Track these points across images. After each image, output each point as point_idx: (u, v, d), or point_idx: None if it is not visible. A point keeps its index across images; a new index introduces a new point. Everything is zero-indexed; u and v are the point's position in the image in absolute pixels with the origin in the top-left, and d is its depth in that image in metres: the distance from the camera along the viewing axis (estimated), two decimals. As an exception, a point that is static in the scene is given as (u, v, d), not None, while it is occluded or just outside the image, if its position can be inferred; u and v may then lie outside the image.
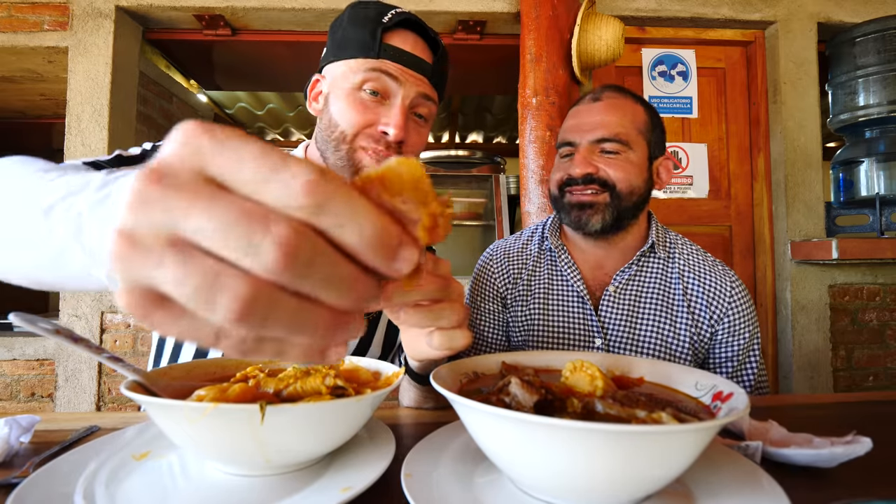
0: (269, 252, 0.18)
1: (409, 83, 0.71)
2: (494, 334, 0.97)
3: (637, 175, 0.87)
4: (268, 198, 0.19)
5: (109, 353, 0.41)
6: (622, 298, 0.90)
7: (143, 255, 0.19)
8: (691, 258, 0.93)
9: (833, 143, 4.32)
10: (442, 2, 2.04)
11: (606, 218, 0.87)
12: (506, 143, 4.60)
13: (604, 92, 0.92)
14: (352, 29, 0.72)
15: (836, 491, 0.43)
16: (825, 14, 2.16)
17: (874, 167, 2.06)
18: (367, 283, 0.21)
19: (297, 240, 0.19)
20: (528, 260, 0.98)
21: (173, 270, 0.19)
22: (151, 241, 0.19)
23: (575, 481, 0.34)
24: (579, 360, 0.47)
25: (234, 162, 0.19)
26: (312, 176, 0.19)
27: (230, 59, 2.53)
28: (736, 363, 0.87)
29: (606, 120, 0.87)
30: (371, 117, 0.70)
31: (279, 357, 0.22)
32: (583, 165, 0.86)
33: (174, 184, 0.19)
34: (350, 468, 0.44)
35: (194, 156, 0.19)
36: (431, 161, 2.69)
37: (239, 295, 0.18)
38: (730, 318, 0.87)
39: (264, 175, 0.19)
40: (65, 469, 0.42)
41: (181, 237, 0.19)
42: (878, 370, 2.11)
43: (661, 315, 0.88)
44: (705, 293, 0.88)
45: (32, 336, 1.92)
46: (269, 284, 0.19)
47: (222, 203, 0.19)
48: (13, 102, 2.94)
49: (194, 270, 0.18)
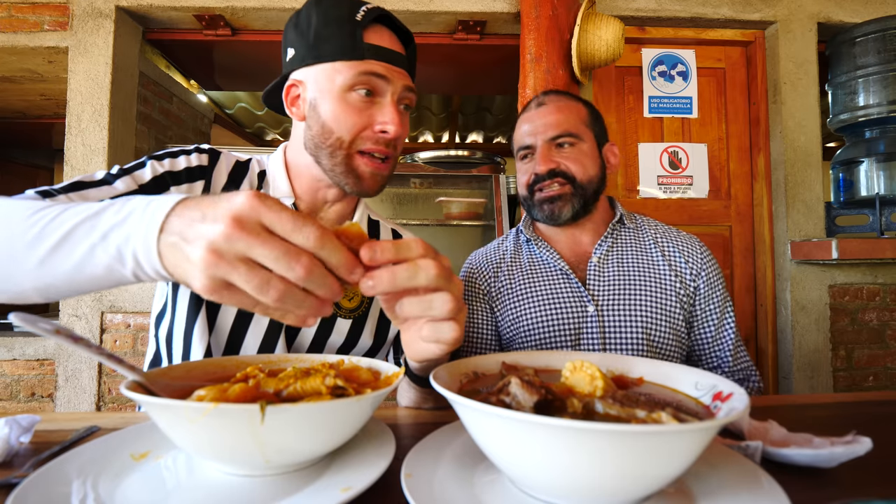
0: (299, 271, 0.37)
1: (395, 78, 0.73)
2: (485, 332, 1.00)
3: (591, 163, 0.99)
4: (297, 240, 0.38)
5: (109, 353, 0.41)
6: (607, 266, 0.98)
7: (225, 263, 0.37)
8: (659, 228, 1.05)
9: (833, 143, 4.32)
10: (442, 2, 2.04)
11: (575, 206, 0.97)
12: (506, 143, 4.60)
13: (546, 97, 1.03)
14: (326, 29, 0.71)
15: (836, 491, 0.43)
16: (825, 14, 2.16)
17: (874, 167, 2.05)
18: (338, 286, 0.40)
19: (310, 265, 0.38)
20: (506, 255, 1.06)
21: (245, 275, 0.37)
22: (232, 257, 0.37)
23: (575, 481, 0.34)
24: (579, 360, 0.47)
25: (277, 220, 0.37)
26: (318, 231, 0.38)
27: (230, 59, 2.53)
28: (717, 316, 0.97)
29: (556, 119, 0.98)
30: (365, 119, 0.72)
31: (283, 318, 0.40)
32: (545, 162, 0.97)
33: (248, 228, 0.37)
34: (350, 468, 0.44)
35: (254, 213, 0.37)
36: (431, 161, 2.68)
37: (279, 289, 0.37)
38: (706, 271, 0.98)
39: (293, 228, 0.37)
40: (65, 469, 0.42)
41: (249, 257, 0.37)
42: (878, 370, 2.11)
43: (648, 276, 0.96)
44: (681, 253, 0.99)
45: (32, 336, 1.92)
46: (292, 285, 0.38)
47: (274, 244, 0.37)
48: (13, 102, 2.94)
49: (256, 277, 0.37)
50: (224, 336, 0.73)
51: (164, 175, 0.72)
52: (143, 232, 0.40)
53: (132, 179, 0.69)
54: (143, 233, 0.40)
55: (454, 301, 0.46)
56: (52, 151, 4.14)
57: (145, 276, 0.43)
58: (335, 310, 0.79)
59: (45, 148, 4.06)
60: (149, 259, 0.40)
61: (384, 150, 0.73)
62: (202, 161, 0.76)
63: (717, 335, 0.97)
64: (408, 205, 2.69)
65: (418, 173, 2.56)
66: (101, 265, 0.43)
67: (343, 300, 0.80)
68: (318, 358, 0.58)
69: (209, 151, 0.78)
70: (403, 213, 2.67)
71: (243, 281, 0.37)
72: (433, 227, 2.53)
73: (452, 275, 0.47)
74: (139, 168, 0.71)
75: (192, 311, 0.72)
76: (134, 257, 0.41)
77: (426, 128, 4.29)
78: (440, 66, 2.61)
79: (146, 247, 0.40)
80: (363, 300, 0.83)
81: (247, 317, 0.74)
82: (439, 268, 0.44)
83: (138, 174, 0.70)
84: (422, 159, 2.70)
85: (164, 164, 0.73)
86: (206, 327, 0.72)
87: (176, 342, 0.73)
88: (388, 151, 0.74)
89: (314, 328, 0.78)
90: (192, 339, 0.72)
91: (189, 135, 2.80)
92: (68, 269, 0.44)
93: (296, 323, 0.41)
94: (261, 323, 0.75)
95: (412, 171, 2.55)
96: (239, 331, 0.74)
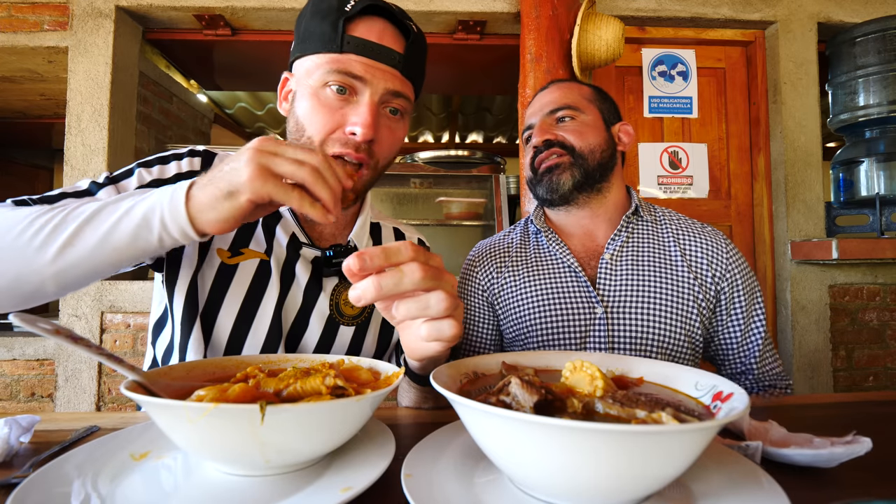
0: (316, 157, 0.51)
1: (376, 78, 0.66)
2: (482, 331, 0.97)
3: (594, 135, 0.94)
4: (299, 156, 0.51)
5: (109, 353, 0.41)
6: (619, 265, 0.91)
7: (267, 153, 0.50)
8: (682, 222, 0.97)
9: (833, 143, 4.32)
10: (442, 2, 2.04)
11: (576, 175, 0.92)
12: (506, 143, 4.60)
13: (552, 83, 1.03)
14: (313, 21, 0.67)
15: (836, 491, 0.43)
16: (825, 14, 2.16)
17: (874, 167, 2.05)
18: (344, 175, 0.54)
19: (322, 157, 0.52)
20: (511, 247, 1.00)
21: (284, 158, 0.50)
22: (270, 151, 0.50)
23: (575, 481, 0.34)
24: (579, 360, 0.47)
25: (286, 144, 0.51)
26: (320, 156, 0.52)
27: (230, 59, 2.53)
28: (743, 321, 0.90)
29: (555, 96, 0.98)
30: (338, 119, 0.66)
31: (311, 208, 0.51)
32: (541, 134, 0.95)
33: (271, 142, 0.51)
34: (350, 468, 0.44)
35: (268, 142, 0.51)
36: (431, 161, 2.68)
37: (312, 164, 0.51)
38: (731, 272, 0.90)
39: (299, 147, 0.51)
40: (65, 469, 0.42)
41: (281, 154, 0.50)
42: (878, 370, 2.11)
43: (663, 278, 0.89)
44: (704, 254, 0.91)
45: (32, 336, 1.92)
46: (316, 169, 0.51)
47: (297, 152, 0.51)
48: (13, 102, 2.94)
49: (293, 158, 0.50)
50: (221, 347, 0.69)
51: (152, 183, 0.68)
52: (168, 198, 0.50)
53: (115, 190, 0.66)
54: (170, 198, 0.50)
55: (449, 298, 0.46)
56: (52, 151, 4.14)
57: (169, 238, 0.51)
58: (337, 317, 0.76)
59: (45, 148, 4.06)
60: (176, 219, 0.50)
61: (355, 154, 0.66)
62: (194, 166, 0.72)
63: (744, 340, 0.90)
64: (408, 205, 2.69)
65: (418, 173, 2.56)
66: (127, 233, 0.50)
67: (345, 307, 0.77)
68: (318, 358, 0.58)
69: (203, 154, 0.74)
70: (403, 213, 2.67)
71: (285, 161, 0.50)
72: (433, 227, 2.53)
73: (443, 272, 0.47)
74: (126, 177, 0.68)
75: (185, 324, 0.68)
76: (161, 220, 0.50)
77: (426, 128, 4.29)
78: (440, 66, 2.61)
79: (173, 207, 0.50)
80: (365, 307, 0.79)
81: (244, 328, 0.70)
82: (424, 269, 0.45)
83: (123, 184, 0.67)
84: (422, 159, 2.70)
85: (152, 172, 0.69)
86: (201, 339, 0.68)
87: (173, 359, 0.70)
88: (361, 157, 0.67)
89: (317, 335, 0.74)
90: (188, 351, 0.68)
91: (189, 135, 2.80)
92: (92, 244, 0.51)
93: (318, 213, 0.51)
94: (258, 332, 0.70)
95: (412, 171, 2.55)
96: (237, 341, 0.70)
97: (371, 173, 0.71)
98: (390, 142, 0.71)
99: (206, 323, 0.69)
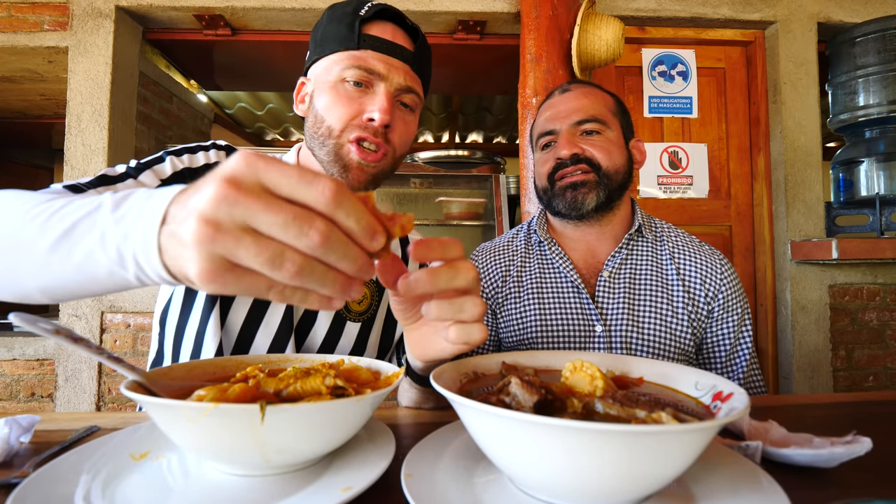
0: (314, 238, 0.30)
1: (391, 72, 0.71)
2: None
3: (618, 154, 0.92)
4: (307, 199, 0.30)
5: (109, 353, 0.41)
6: (617, 283, 0.91)
7: (225, 235, 0.29)
8: (679, 240, 0.96)
9: (833, 143, 4.32)
10: (442, 2, 2.04)
11: (600, 196, 0.90)
12: (506, 143, 4.60)
13: (571, 84, 0.98)
14: (331, 26, 0.73)
15: (836, 491, 0.43)
16: (825, 14, 2.16)
17: (874, 167, 2.05)
18: (364, 258, 0.33)
19: (327, 230, 0.30)
20: (515, 256, 0.99)
21: (254, 248, 0.29)
22: (232, 227, 0.29)
23: (575, 481, 0.34)
24: (579, 360, 0.47)
25: (280, 176, 0.30)
26: (334, 186, 0.30)
27: (230, 59, 2.53)
28: (731, 340, 0.91)
29: (582, 104, 0.92)
30: (356, 108, 0.70)
31: (303, 302, 0.33)
32: (569, 147, 0.90)
33: (245, 190, 0.29)
34: (350, 468, 0.44)
35: (252, 171, 0.30)
36: (431, 161, 2.68)
37: (296, 262, 0.30)
38: (724, 293, 0.90)
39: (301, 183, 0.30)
40: (65, 469, 0.42)
41: (253, 226, 0.29)
42: (878, 370, 2.11)
43: (658, 296, 0.90)
44: (698, 272, 0.91)
45: (32, 336, 1.92)
46: (311, 257, 0.31)
47: (282, 207, 0.29)
48: (13, 102, 2.94)
49: (267, 249, 0.29)
50: (233, 337, 0.71)
51: (184, 171, 0.71)
52: (141, 228, 0.34)
53: (153, 174, 0.68)
54: (143, 228, 0.33)
55: (483, 305, 0.46)
56: (52, 151, 4.14)
57: (149, 280, 0.36)
58: (344, 313, 0.78)
59: (45, 148, 4.06)
60: (149, 259, 0.33)
61: (374, 139, 0.70)
62: (220, 158, 0.75)
63: (730, 357, 0.91)
64: (408, 205, 2.69)
65: (418, 173, 2.56)
66: (103, 268, 0.37)
67: (352, 303, 0.78)
68: (318, 358, 0.58)
69: (226, 148, 0.77)
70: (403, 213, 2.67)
71: (251, 255, 0.29)
72: (433, 227, 2.53)
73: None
74: (158, 163, 0.70)
75: (206, 309, 0.70)
76: (134, 259, 0.35)
77: (426, 128, 4.29)
78: (440, 66, 2.59)
79: (145, 245, 0.33)
80: (371, 302, 0.80)
81: (257, 317, 0.72)
82: (476, 271, 0.45)
83: (159, 168, 0.69)
84: (422, 159, 2.70)
85: (182, 160, 0.72)
86: (218, 326, 0.69)
87: (186, 342, 0.71)
88: (379, 142, 0.71)
89: (324, 331, 0.76)
90: (205, 339, 0.69)
91: (189, 135, 2.80)
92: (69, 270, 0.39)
93: (320, 306, 0.34)
94: (271, 324, 0.72)
95: (412, 171, 2.55)
96: (249, 332, 0.72)
97: (388, 161, 0.74)
98: (404, 132, 0.75)
99: (223, 310, 0.71)
